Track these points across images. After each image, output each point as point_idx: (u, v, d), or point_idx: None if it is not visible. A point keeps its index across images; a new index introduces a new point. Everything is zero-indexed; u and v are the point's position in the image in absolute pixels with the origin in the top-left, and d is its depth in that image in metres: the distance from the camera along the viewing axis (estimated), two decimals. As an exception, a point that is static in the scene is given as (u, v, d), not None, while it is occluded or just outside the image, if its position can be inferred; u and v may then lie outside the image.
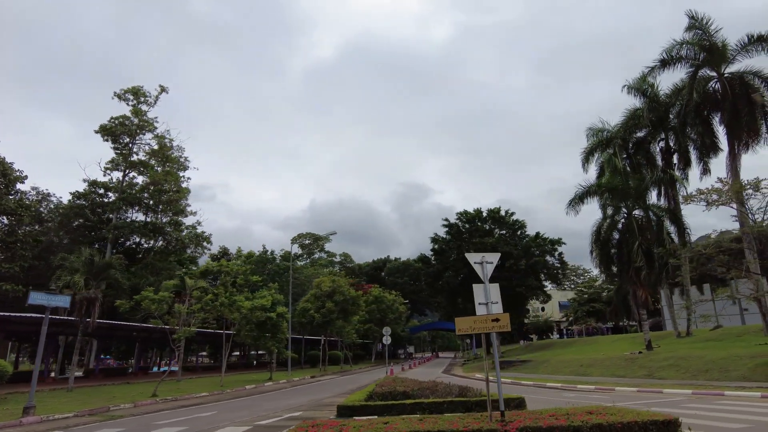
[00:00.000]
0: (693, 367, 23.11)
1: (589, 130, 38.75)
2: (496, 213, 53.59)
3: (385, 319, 56.97)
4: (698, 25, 31.23)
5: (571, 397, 16.73)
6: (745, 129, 29.97)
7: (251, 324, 26.09)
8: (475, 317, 8.30)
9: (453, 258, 53.10)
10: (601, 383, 22.44)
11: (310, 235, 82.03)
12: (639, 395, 17.58)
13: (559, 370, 30.84)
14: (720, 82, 31.63)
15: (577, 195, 33.37)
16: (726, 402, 14.15)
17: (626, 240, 30.63)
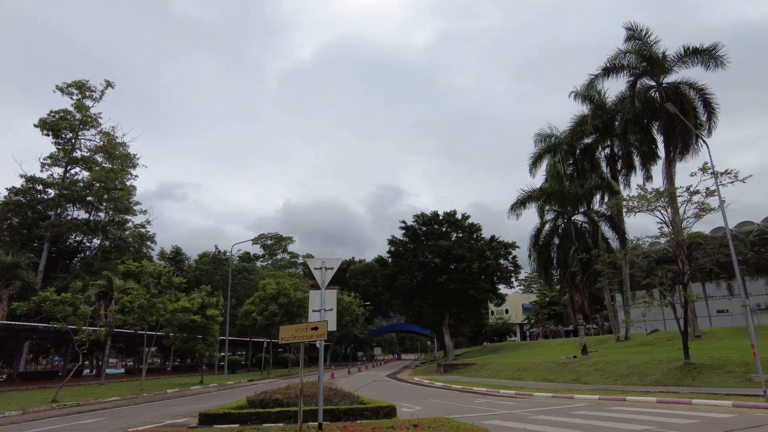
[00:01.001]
0: (617, 371, 23.38)
1: (537, 135, 39.14)
2: (452, 216, 53.71)
3: (341, 321, 56.51)
4: (637, 35, 31.84)
5: (480, 404, 16.64)
6: (680, 138, 30.66)
7: (174, 326, 25.35)
8: (297, 326, 8.03)
9: (409, 260, 52.99)
10: (525, 388, 22.48)
11: (273, 236, 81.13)
12: (551, 401, 17.61)
13: (496, 373, 30.92)
14: (658, 92, 32.31)
15: (519, 199, 33.62)
16: (620, 408, 14.22)
17: (564, 245, 30.93)
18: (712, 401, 14.32)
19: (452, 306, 51.49)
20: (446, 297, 50.02)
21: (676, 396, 15.92)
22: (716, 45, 29.48)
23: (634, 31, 31.77)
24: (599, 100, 36.93)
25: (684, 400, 14.91)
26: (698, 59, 30.50)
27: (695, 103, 31.64)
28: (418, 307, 55.07)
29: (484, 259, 50.47)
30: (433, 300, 51.49)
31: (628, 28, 31.82)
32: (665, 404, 14.85)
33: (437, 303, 51.59)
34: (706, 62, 30.07)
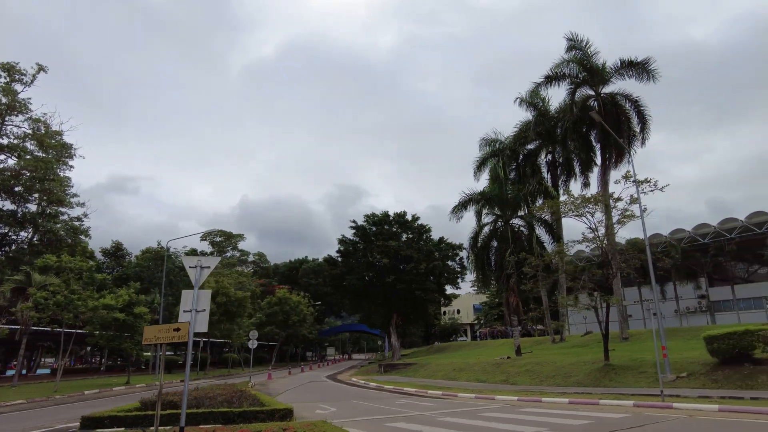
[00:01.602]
0: (544, 372, 23.94)
1: (482, 140, 39.69)
2: (402, 217, 53.92)
3: (288, 321, 55.80)
4: (577, 45, 32.74)
5: (399, 405, 16.61)
6: (614, 146, 31.74)
7: (96, 324, 24.21)
8: (160, 326, 7.73)
9: (359, 260, 52.82)
10: (453, 389, 22.69)
11: (222, 233, 79.31)
12: (471, 402, 17.80)
13: (433, 374, 31.15)
14: (597, 101, 33.34)
15: (460, 202, 34.04)
16: (530, 409, 14.48)
17: (502, 248, 31.47)
18: (617, 401, 14.80)
19: (400, 306, 51.66)
20: (394, 297, 50.15)
21: (588, 397, 16.38)
22: (648, 59, 30.68)
23: (575, 41, 32.66)
24: (543, 108, 37.79)
25: (593, 401, 15.35)
26: (633, 71, 31.65)
27: (630, 114, 32.82)
28: (367, 307, 54.99)
29: (431, 260, 50.92)
30: (382, 300, 51.51)
31: (569, 38, 32.68)
32: (575, 405, 15.25)
33: (385, 303, 51.64)
34: (639, 75, 31.24)
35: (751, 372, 16.22)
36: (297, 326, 56.68)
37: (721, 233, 50.50)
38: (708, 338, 17.81)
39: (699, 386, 16.78)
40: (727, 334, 17.07)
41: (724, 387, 16.07)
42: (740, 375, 16.35)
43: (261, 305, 57.68)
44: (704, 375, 17.46)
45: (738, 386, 15.79)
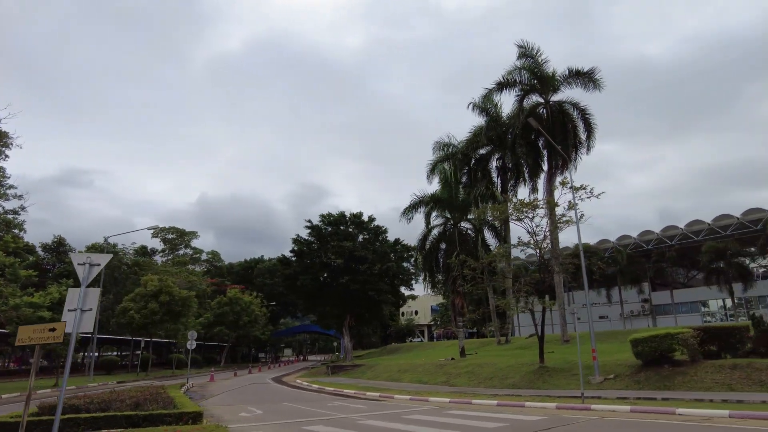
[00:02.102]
0: (483, 374, 24.25)
1: (436, 143, 39.91)
2: (358, 218, 53.74)
3: (239, 321, 54.73)
4: (528, 53, 33.39)
5: (330, 407, 16.43)
6: (559, 153, 32.49)
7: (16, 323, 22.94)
8: (35, 326, 7.34)
9: (313, 260, 52.30)
10: (392, 390, 22.67)
11: (174, 230, 77.17)
12: (405, 404, 17.80)
13: (379, 375, 31.12)
14: (545, 109, 34.13)
15: (411, 204, 34.19)
16: (457, 412, 14.56)
17: (449, 250, 31.75)
18: (541, 404, 15.07)
19: (353, 307, 51.42)
20: (347, 298, 49.87)
21: (516, 399, 16.65)
22: (594, 69, 31.63)
23: (526, 48, 33.28)
24: (495, 113, 38.32)
25: (519, 403, 15.59)
26: (580, 80, 32.54)
27: (577, 122, 33.70)
28: (320, 307, 54.47)
29: (386, 262, 50.93)
30: (335, 301, 51.12)
31: (520, 45, 33.27)
32: (502, 407, 15.46)
33: (339, 304, 51.28)
34: (585, 84, 32.16)
35: (670, 373, 16.86)
36: (248, 327, 55.64)
37: (663, 240, 52.74)
38: (633, 341, 18.42)
39: (622, 387, 17.33)
40: (650, 338, 17.70)
41: (645, 388, 16.65)
42: (660, 376, 16.98)
43: (211, 305, 56.35)
44: (629, 377, 18.03)
45: (657, 387, 16.38)
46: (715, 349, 17.98)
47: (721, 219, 48.71)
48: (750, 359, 16.24)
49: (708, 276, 46.06)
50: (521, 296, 20.15)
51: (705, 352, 18.02)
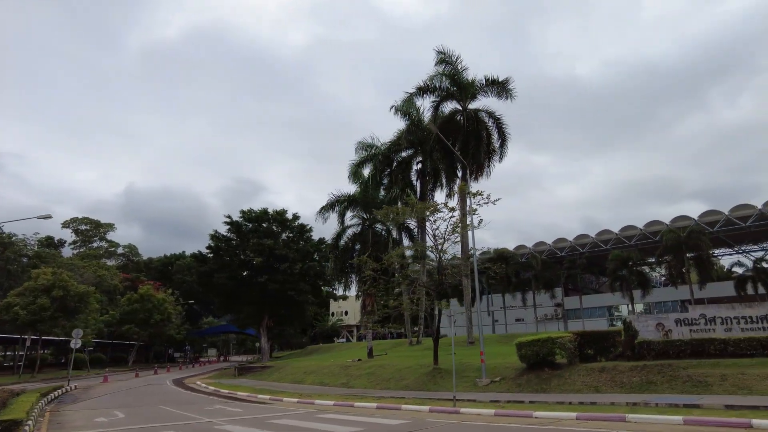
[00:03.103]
0: (382, 375, 24.16)
1: (359, 144, 39.59)
2: (281, 215, 52.55)
3: (149, 319, 51.88)
4: (447, 59, 33.78)
5: (206, 411, 15.65)
6: (472, 160, 33.18)
7: None
8: None
9: (231, 258, 50.58)
10: (285, 393, 22.07)
11: (88, 221, 72.43)
12: (291, 407, 17.30)
13: (284, 377, 30.42)
14: (463, 115, 34.69)
15: (328, 203, 33.75)
16: (332, 416, 14.24)
17: (364, 250, 31.57)
18: (416, 406, 15.06)
19: (272, 307, 50.21)
20: (266, 297, 48.61)
21: (397, 402, 16.60)
22: (507, 79, 32.50)
23: (445, 54, 33.65)
24: (416, 117, 38.54)
25: (397, 405, 15.53)
26: (495, 90, 33.30)
27: (491, 131, 34.52)
28: (237, 306, 52.80)
29: (307, 261, 50.11)
30: (253, 300, 49.69)
31: (439, 51, 33.59)
32: (381, 410, 15.33)
33: (257, 303, 49.89)
34: (500, 93, 32.96)
35: (549, 376, 17.41)
36: (160, 325, 52.91)
37: (576, 248, 55.47)
38: (518, 345, 18.92)
39: (503, 390, 17.72)
40: (533, 341, 18.23)
41: (524, 390, 17.09)
42: (539, 379, 17.50)
43: (121, 302, 53.17)
44: (512, 379, 18.48)
45: (534, 390, 16.86)
46: (592, 353, 18.82)
47: (626, 230, 51.86)
48: (617, 362, 17.07)
49: (613, 282, 48.77)
50: (414, 297, 20.15)
51: (583, 355, 18.81)
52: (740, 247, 54.87)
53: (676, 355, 16.42)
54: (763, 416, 9.78)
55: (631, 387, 14.96)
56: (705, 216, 47.91)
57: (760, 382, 13.24)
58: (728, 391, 13.25)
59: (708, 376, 14.24)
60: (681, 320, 17.27)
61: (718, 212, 47.61)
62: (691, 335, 16.87)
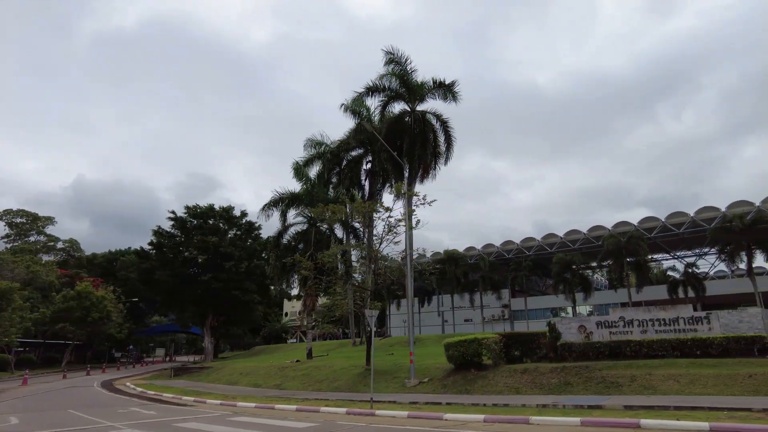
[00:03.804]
0: (316, 377, 23.80)
1: (307, 141, 38.98)
2: (228, 212, 51.36)
3: (87, 318, 49.52)
4: (396, 59, 33.67)
5: (121, 413, 14.87)
6: (418, 162, 33.18)
7: None
8: None
9: (175, 254, 48.95)
10: (212, 395, 21.39)
11: (24, 213, 68.71)
12: (211, 409, 16.74)
13: (219, 378, 29.63)
14: (411, 117, 34.69)
15: (272, 200, 33.07)
16: (246, 419, 13.82)
17: (305, 249, 31.10)
18: (334, 408, 14.83)
19: (216, 306, 48.90)
20: (210, 296, 47.30)
21: (315, 404, 16.27)
22: (454, 82, 32.63)
23: (393, 55, 33.48)
24: (366, 116, 38.37)
25: (315, 408, 15.23)
26: (441, 92, 33.42)
27: (438, 133, 34.66)
28: (180, 305, 51.18)
29: (254, 260, 49.09)
30: (197, 299, 48.25)
31: (388, 51, 33.36)
32: (299, 412, 15.00)
33: (200, 302, 48.47)
34: (445, 95, 33.08)
35: (474, 377, 17.51)
36: (99, 324, 50.57)
37: (522, 250, 56.63)
38: (446, 346, 18.97)
39: (429, 391, 17.69)
40: (459, 342, 18.30)
41: (449, 392, 17.11)
42: (465, 380, 17.57)
43: (56, 299, 50.52)
44: (439, 380, 18.50)
45: (459, 391, 16.91)
46: (518, 354, 19.10)
47: (571, 234, 53.35)
48: (540, 363, 17.37)
49: (556, 285, 49.99)
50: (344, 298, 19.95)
51: (510, 356, 19.07)
52: (675, 252, 57.46)
53: (596, 357, 16.86)
54: (653, 416, 10.04)
55: (549, 388, 15.20)
56: (644, 222, 49.84)
57: (664, 382, 13.71)
58: (635, 391, 13.66)
59: (620, 377, 14.64)
60: (601, 323, 17.72)
61: (655, 219, 49.65)
62: (611, 337, 17.35)
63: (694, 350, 15.63)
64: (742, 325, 15.87)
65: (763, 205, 44.04)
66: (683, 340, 15.92)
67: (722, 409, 10.26)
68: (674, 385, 13.48)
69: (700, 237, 48.57)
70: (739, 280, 49.79)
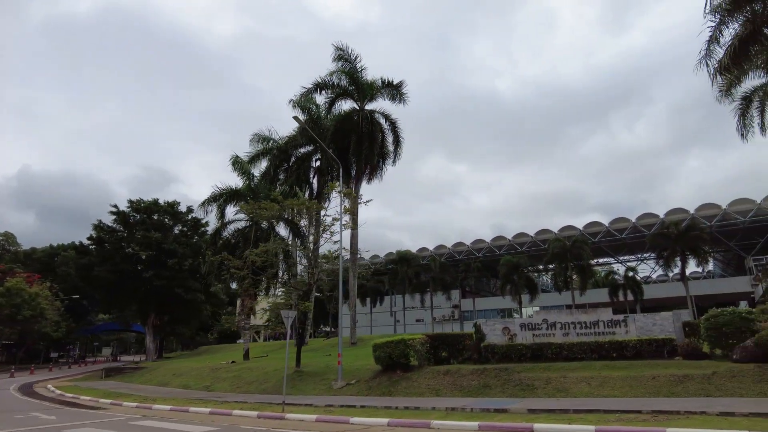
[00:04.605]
0: (247, 378, 23.22)
1: (254, 135, 38.13)
2: (173, 207, 49.73)
3: (17, 316, 46.93)
4: (345, 56, 33.31)
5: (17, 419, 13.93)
6: (365, 161, 32.98)
7: None
8: None
9: (116, 250, 46.95)
10: (132, 397, 20.52)
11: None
12: (129, 411, 15.98)
13: (151, 380, 28.58)
14: (359, 115, 34.42)
15: (212, 195, 32.14)
16: (148, 423, 13.16)
17: (245, 247, 30.29)
18: (248, 412, 14.38)
19: (158, 304, 47.26)
20: (152, 294, 45.68)
21: (229, 407, 15.77)
22: (402, 82, 32.71)
23: (343, 51, 33.12)
24: (316, 113, 37.79)
25: (227, 411, 14.76)
26: (389, 92, 33.34)
27: (386, 133, 34.53)
28: (121, 303, 49.21)
29: (199, 257, 47.62)
30: (138, 297, 46.48)
31: (338, 47, 32.99)
32: (213, 415, 14.48)
33: (142, 300, 46.74)
34: (393, 96, 33.06)
35: (399, 378, 17.33)
36: (31, 322, 48.01)
37: (473, 252, 57.38)
38: (374, 347, 18.76)
39: (353, 393, 17.41)
40: (387, 343, 18.11)
41: (373, 393, 16.88)
42: (390, 381, 17.38)
43: (-18, 296, 47.65)
44: (366, 382, 18.24)
45: (382, 393, 16.69)
46: (446, 355, 19.09)
47: (519, 236, 54.39)
48: (462, 365, 17.41)
49: (503, 286, 50.76)
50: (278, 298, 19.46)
51: (438, 357, 19.05)
52: (618, 256, 59.44)
53: (518, 359, 17.01)
54: (549, 420, 10.10)
55: (469, 390, 15.19)
56: (589, 227, 51.31)
57: (577, 384, 13.90)
58: (549, 393, 13.78)
59: (536, 379, 14.76)
60: (525, 325, 17.90)
61: (600, 224, 51.19)
62: (534, 339, 17.53)
63: (611, 352, 15.97)
64: (655, 328, 16.31)
65: (697, 213, 46.10)
66: (601, 342, 16.24)
67: (616, 412, 10.41)
68: (585, 387, 13.67)
69: (642, 242, 50.40)
70: (676, 284, 51.91)
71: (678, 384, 12.67)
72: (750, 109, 26.89)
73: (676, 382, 12.78)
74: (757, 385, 11.75)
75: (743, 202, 44.90)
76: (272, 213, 21.63)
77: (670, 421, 9.37)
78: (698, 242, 40.59)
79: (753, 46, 16.56)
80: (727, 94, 25.82)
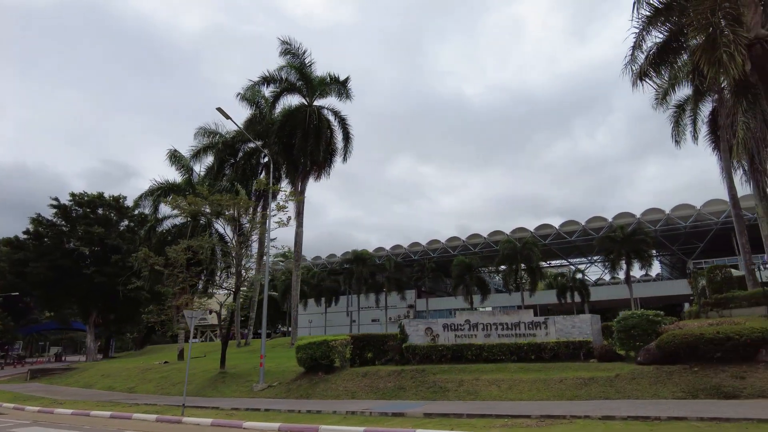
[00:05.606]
0: (175, 379, 22.42)
1: (200, 129, 37.09)
2: (118, 201, 47.94)
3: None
4: (293, 51, 32.62)
5: None
6: (310, 158, 32.40)
7: None
8: None
9: (55, 245, 44.90)
10: (41, 400, 19.49)
11: None
12: (23, 416, 15.03)
13: (77, 381, 27.43)
14: (308, 111, 33.80)
15: (149, 189, 31.03)
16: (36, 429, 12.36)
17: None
18: (146, 415, 13.74)
19: (100, 303, 45.47)
20: (93, 292, 43.88)
21: (132, 410, 15.10)
22: (348, 78, 32.37)
23: (290, 46, 32.44)
24: (265, 107, 36.96)
25: (128, 414, 14.09)
26: (336, 88, 32.88)
27: (335, 129, 34.05)
28: (60, 300, 47.12)
29: (141, 253, 46.06)
30: (78, 294, 44.58)
31: (284, 42, 32.32)
32: (113, 419, 13.78)
33: (83, 298, 44.88)
34: (340, 92, 32.63)
35: (319, 381, 16.93)
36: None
37: (428, 252, 57.43)
38: (296, 348, 18.31)
39: (272, 396, 16.95)
40: (309, 344, 17.69)
41: (291, 396, 16.44)
42: (310, 384, 16.97)
43: None
44: (287, 384, 17.78)
45: (301, 395, 16.27)
46: (371, 356, 18.81)
47: (472, 237, 54.74)
48: (381, 366, 17.16)
49: (456, 286, 50.98)
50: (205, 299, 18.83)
51: (363, 358, 18.76)
52: (569, 258, 60.58)
53: (439, 360, 16.87)
54: (435, 426, 9.89)
55: (384, 392, 14.92)
56: (540, 229, 52.04)
57: (487, 387, 13.80)
58: (459, 396, 13.63)
59: (450, 381, 14.61)
60: (448, 325, 17.76)
61: (550, 226, 51.98)
62: (456, 340, 17.40)
63: (530, 354, 15.99)
64: (574, 330, 16.38)
65: (643, 218, 47.34)
66: (520, 344, 16.22)
67: (508, 417, 10.29)
68: (495, 390, 13.58)
69: (591, 245, 51.43)
70: (623, 287, 53.22)
71: (582, 387, 12.70)
72: (683, 117, 27.74)
73: (581, 384, 12.81)
74: (653, 386, 11.87)
75: (685, 207, 46.34)
76: (197, 208, 20.86)
77: (552, 426, 9.29)
78: (642, 246, 41.63)
79: (672, 55, 16.84)
80: (662, 102, 26.59)
